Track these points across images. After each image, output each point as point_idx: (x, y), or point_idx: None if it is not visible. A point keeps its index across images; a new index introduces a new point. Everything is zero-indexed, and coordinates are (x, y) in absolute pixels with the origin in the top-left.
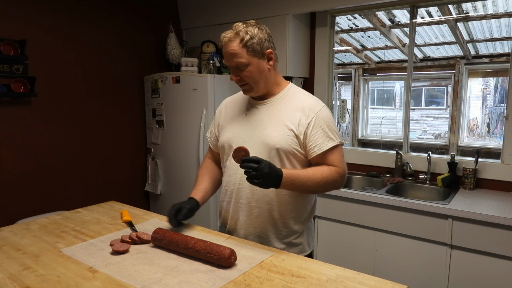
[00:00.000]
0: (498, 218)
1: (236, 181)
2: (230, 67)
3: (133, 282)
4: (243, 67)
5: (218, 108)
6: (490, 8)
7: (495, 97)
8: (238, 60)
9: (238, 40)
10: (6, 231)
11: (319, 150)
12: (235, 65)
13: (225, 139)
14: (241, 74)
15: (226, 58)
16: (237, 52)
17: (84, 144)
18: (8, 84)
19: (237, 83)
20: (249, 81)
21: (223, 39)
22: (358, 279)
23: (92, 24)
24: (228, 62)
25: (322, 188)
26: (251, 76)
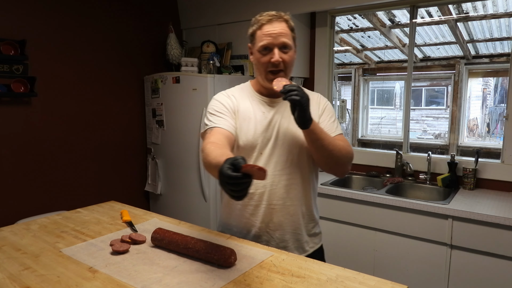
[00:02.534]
0: (498, 218)
1: (267, 182)
2: (269, 47)
3: (133, 282)
4: (287, 49)
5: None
6: (490, 8)
7: (495, 97)
8: (285, 40)
9: (285, 23)
10: (6, 231)
11: (333, 134)
12: (281, 44)
13: (250, 140)
14: (284, 56)
15: (270, 35)
16: (286, 33)
17: (84, 144)
18: (8, 84)
19: (274, 67)
20: (286, 67)
21: (268, 16)
22: (358, 279)
23: (92, 24)
24: (272, 40)
25: (338, 152)
26: (290, 61)
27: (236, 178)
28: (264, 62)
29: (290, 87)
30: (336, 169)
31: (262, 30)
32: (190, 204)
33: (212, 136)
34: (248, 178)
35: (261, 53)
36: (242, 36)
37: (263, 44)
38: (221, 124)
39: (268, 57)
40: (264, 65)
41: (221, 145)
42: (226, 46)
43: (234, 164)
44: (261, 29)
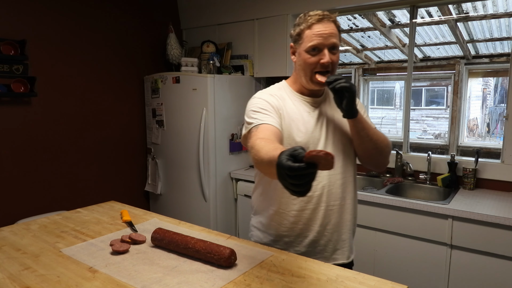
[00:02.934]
0: (498, 218)
1: (324, 183)
2: (319, 48)
3: (133, 282)
4: (335, 49)
5: (269, 96)
6: (490, 8)
7: (495, 97)
8: (335, 40)
9: (334, 23)
10: (6, 231)
11: None
12: (332, 45)
13: (301, 141)
14: (333, 57)
15: (321, 35)
16: (335, 33)
17: (84, 144)
18: (8, 84)
19: (322, 68)
20: (333, 68)
21: (318, 15)
22: (358, 279)
23: (92, 24)
24: (323, 41)
25: (382, 142)
26: (337, 62)
27: (299, 169)
28: (312, 62)
29: (335, 77)
30: (380, 161)
31: (312, 29)
32: (190, 204)
33: (259, 133)
34: (313, 168)
35: (309, 54)
36: (242, 36)
37: (313, 45)
38: (268, 121)
39: (317, 58)
40: (311, 65)
41: (273, 140)
42: (226, 46)
43: (293, 155)
44: (310, 28)
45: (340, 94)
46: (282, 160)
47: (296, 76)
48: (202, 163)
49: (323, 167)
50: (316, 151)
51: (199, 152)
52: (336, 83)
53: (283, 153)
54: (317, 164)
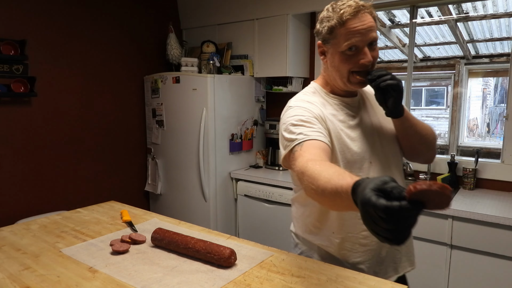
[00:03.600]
0: (498, 218)
1: None
2: (356, 46)
3: (133, 282)
4: (375, 44)
5: (310, 104)
6: (490, 8)
7: (495, 97)
8: (374, 35)
9: (370, 14)
10: (6, 231)
11: None
12: (371, 40)
13: (358, 152)
14: (373, 53)
15: (359, 32)
16: (374, 26)
17: (84, 144)
18: (8, 84)
19: (361, 68)
20: (374, 64)
21: (351, 8)
22: (358, 279)
23: (92, 25)
24: (362, 38)
25: (430, 135)
26: (377, 57)
27: (401, 211)
28: (350, 63)
29: (380, 72)
30: (428, 155)
31: (347, 26)
32: (190, 204)
33: (306, 152)
34: (419, 208)
35: (346, 54)
36: (242, 36)
37: (351, 44)
38: (315, 136)
39: (356, 58)
40: (348, 66)
41: (328, 162)
42: (226, 46)
43: (384, 189)
44: (344, 25)
45: (385, 92)
46: (370, 198)
47: (328, 78)
48: (202, 163)
49: (434, 205)
50: (426, 184)
51: (199, 152)
52: (381, 80)
53: (366, 186)
54: (426, 202)
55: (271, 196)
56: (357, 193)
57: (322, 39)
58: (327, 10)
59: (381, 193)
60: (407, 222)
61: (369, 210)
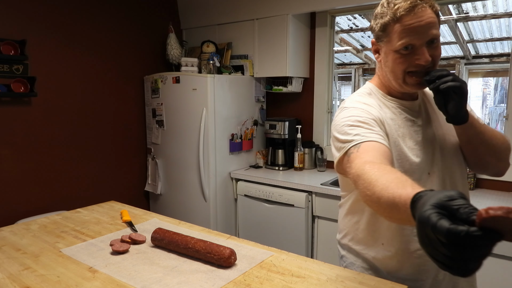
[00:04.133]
0: None
1: None
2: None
3: (133, 282)
4: (436, 41)
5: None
6: (490, 8)
7: (495, 97)
8: (435, 32)
9: (430, 8)
10: (6, 231)
11: None
12: (431, 39)
13: (418, 161)
14: (434, 52)
15: (416, 30)
16: (434, 22)
17: (84, 144)
18: (8, 84)
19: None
20: (435, 64)
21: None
22: (358, 279)
23: (92, 24)
24: (419, 36)
25: (502, 144)
26: (439, 56)
27: (469, 238)
28: (405, 64)
29: (439, 73)
30: (499, 167)
31: (402, 22)
32: (190, 204)
33: (363, 154)
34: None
35: (400, 53)
36: (242, 36)
37: (405, 42)
38: (373, 138)
39: (412, 58)
40: (403, 67)
41: (389, 166)
42: (226, 46)
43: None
44: (400, 21)
45: (446, 95)
46: (430, 216)
47: (383, 78)
48: (202, 163)
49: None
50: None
51: (199, 152)
52: (441, 82)
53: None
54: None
55: (271, 196)
56: (417, 207)
57: (375, 37)
58: (381, 5)
59: (445, 211)
60: (477, 252)
61: (427, 231)
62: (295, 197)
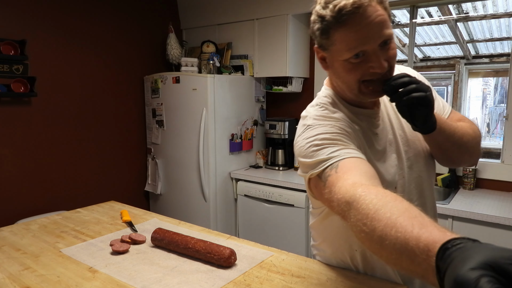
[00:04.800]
0: (498, 218)
1: None
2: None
3: (133, 282)
4: (390, 41)
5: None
6: (490, 8)
7: (495, 97)
8: (388, 31)
9: (378, 3)
10: (6, 231)
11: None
12: (384, 39)
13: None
14: (388, 54)
15: (368, 33)
16: (386, 19)
17: (84, 144)
18: (8, 84)
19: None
20: (391, 66)
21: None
22: (358, 279)
23: (92, 24)
24: (369, 41)
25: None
26: (394, 57)
27: None
28: (357, 73)
29: (400, 81)
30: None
31: (348, 27)
32: (190, 204)
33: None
34: None
35: (350, 62)
36: (242, 36)
37: (356, 50)
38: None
39: (365, 66)
40: (355, 77)
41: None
42: (226, 46)
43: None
44: (344, 25)
45: (410, 106)
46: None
47: (337, 87)
48: (202, 163)
49: None
50: None
51: (199, 152)
52: (403, 94)
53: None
54: None
55: (271, 196)
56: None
57: (318, 44)
58: (319, 4)
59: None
60: None
61: None
62: (295, 197)
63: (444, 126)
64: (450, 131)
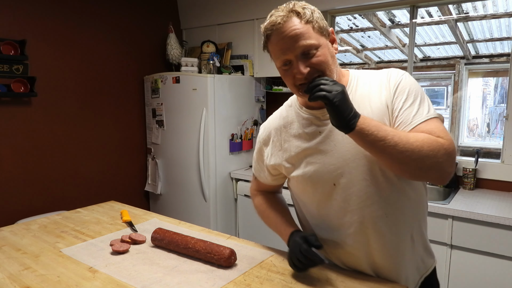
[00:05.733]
0: (498, 218)
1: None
2: (287, 60)
3: (133, 282)
4: (312, 50)
5: (263, 136)
6: (490, 8)
7: (495, 97)
8: (305, 42)
9: (297, 17)
10: (6, 231)
11: (410, 125)
12: (302, 51)
13: (310, 175)
14: (312, 62)
15: (283, 46)
16: (302, 32)
17: (84, 144)
18: (8, 84)
19: (306, 79)
20: (324, 69)
21: (274, 21)
22: (358, 279)
23: (92, 24)
24: (288, 52)
25: (414, 153)
26: (325, 61)
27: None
28: (288, 79)
29: (315, 82)
30: (426, 176)
31: (271, 41)
32: (190, 204)
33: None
34: None
35: (283, 69)
36: (242, 36)
37: (281, 60)
38: (259, 176)
39: (292, 73)
40: (289, 81)
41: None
42: (226, 46)
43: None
44: (270, 40)
45: (326, 105)
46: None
47: None
48: (202, 163)
49: None
50: None
51: (199, 152)
52: (312, 93)
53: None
54: None
55: None
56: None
57: None
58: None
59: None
60: None
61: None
62: None
63: (370, 128)
64: (378, 135)
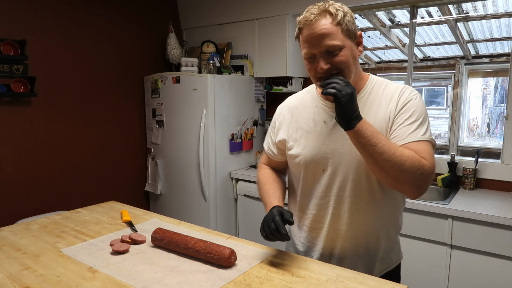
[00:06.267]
0: (498, 218)
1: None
2: (313, 54)
3: (133, 282)
4: (336, 50)
5: (277, 113)
6: (490, 8)
7: (495, 97)
8: (331, 42)
9: (329, 17)
10: (6, 231)
11: (402, 141)
12: (326, 49)
13: (305, 156)
14: (334, 60)
15: (311, 41)
16: (330, 32)
17: (84, 144)
18: (8, 84)
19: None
20: (343, 68)
21: (308, 17)
22: (358, 279)
23: (92, 24)
24: (314, 47)
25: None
26: (346, 61)
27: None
28: (310, 70)
29: (331, 80)
30: (400, 188)
31: (302, 34)
32: (190, 204)
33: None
34: None
35: (308, 60)
36: (242, 36)
37: (307, 52)
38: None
39: (315, 66)
40: (311, 73)
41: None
42: (226, 46)
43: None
44: (301, 33)
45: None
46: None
47: None
48: (202, 163)
49: None
50: None
51: (199, 152)
52: (324, 88)
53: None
54: None
55: None
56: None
57: None
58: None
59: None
60: None
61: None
62: None
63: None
64: (372, 140)
